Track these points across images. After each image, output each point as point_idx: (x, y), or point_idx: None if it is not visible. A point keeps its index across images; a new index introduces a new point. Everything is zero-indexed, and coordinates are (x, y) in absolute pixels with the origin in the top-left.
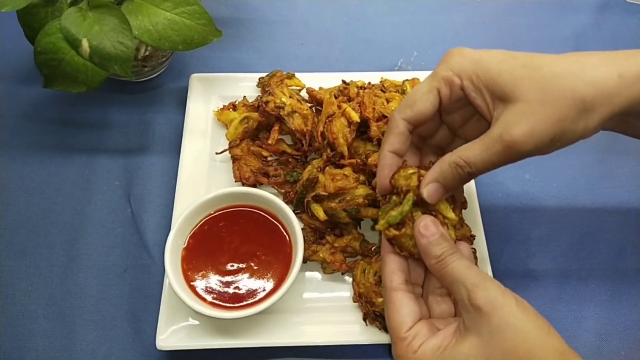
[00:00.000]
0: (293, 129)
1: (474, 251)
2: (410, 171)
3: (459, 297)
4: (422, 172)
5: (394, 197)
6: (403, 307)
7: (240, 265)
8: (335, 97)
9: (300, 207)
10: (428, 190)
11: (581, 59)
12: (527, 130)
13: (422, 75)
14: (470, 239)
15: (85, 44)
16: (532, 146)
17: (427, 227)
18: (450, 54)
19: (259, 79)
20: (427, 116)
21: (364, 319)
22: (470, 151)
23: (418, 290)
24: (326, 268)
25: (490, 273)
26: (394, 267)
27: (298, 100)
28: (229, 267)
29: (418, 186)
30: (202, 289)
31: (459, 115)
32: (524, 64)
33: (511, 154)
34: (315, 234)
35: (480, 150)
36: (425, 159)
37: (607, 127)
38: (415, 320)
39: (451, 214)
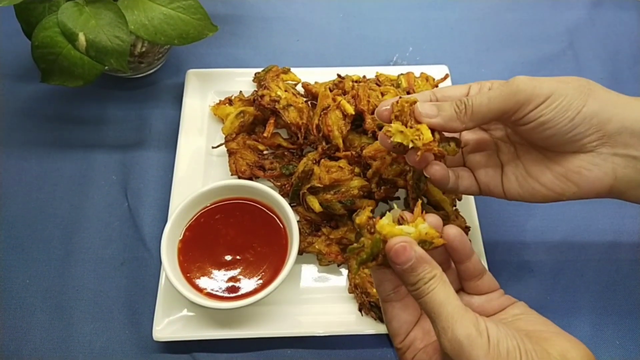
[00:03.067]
0: (288, 122)
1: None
2: (412, 99)
3: (434, 330)
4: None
5: (362, 239)
6: (394, 319)
7: (237, 257)
8: (330, 91)
9: (295, 199)
10: (422, 105)
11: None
12: (530, 80)
13: (418, 70)
14: (466, 230)
15: (81, 38)
16: (529, 92)
17: (397, 255)
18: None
19: (255, 74)
20: (452, 96)
21: (360, 310)
22: (477, 95)
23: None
24: (322, 260)
25: (485, 265)
26: (381, 278)
27: (293, 94)
28: (225, 258)
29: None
30: (199, 281)
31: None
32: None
33: (511, 97)
34: (311, 226)
35: (484, 94)
36: None
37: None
38: (409, 329)
39: (428, 134)
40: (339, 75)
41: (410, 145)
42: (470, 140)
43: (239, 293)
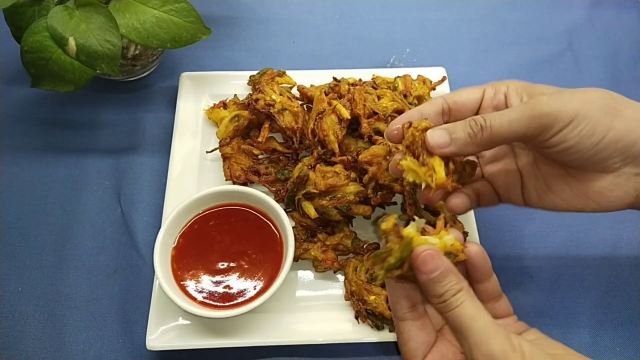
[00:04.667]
0: (283, 126)
1: None
2: (424, 124)
3: (461, 348)
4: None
5: (388, 244)
6: (411, 340)
7: (231, 264)
8: (326, 94)
9: (291, 205)
10: (433, 134)
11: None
12: (554, 100)
13: (414, 72)
14: (463, 235)
15: (71, 42)
16: (554, 115)
17: (424, 263)
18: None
19: (250, 77)
20: (463, 103)
21: (356, 317)
22: (493, 115)
23: (421, 297)
24: (318, 266)
25: None
26: (398, 294)
27: (288, 98)
28: (219, 266)
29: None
30: (193, 289)
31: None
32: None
33: (535, 121)
34: (307, 232)
35: (505, 113)
36: None
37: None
38: (427, 351)
39: (441, 173)
40: (334, 79)
41: (424, 185)
42: (487, 151)
43: (234, 301)
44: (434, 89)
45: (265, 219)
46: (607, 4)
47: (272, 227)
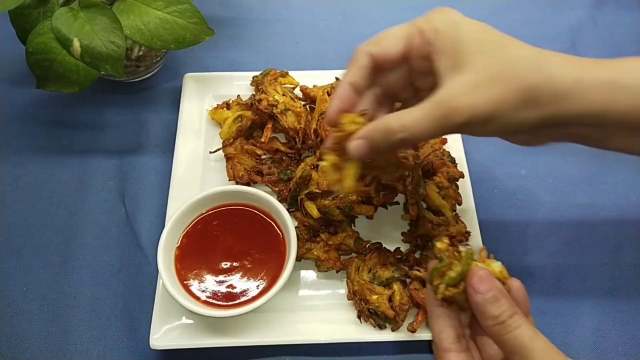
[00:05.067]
0: (286, 126)
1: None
2: (359, 119)
3: None
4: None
5: (444, 258)
6: None
7: (234, 264)
8: (329, 95)
9: (294, 205)
10: (353, 146)
11: (546, 54)
12: (468, 101)
13: None
14: (466, 235)
15: (76, 43)
16: (467, 117)
17: (480, 282)
18: (436, 10)
19: (253, 77)
20: (391, 57)
21: (359, 317)
22: (408, 115)
23: (466, 332)
24: (320, 266)
25: None
26: (443, 324)
27: (291, 98)
28: (222, 265)
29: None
30: (196, 288)
31: (423, 78)
32: (493, 40)
33: (448, 122)
34: (309, 232)
35: (419, 114)
36: None
37: (558, 137)
38: None
39: (350, 182)
40: (337, 79)
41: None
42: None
43: (237, 301)
44: None
45: (268, 219)
46: (610, 3)
47: (275, 227)
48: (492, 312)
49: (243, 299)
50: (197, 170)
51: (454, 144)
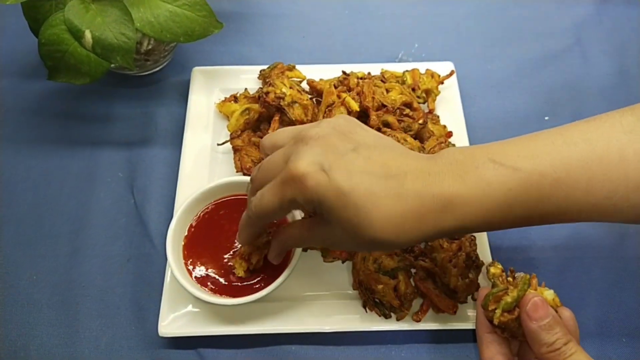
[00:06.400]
0: (293, 119)
1: (474, 239)
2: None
3: None
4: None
5: (497, 283)
6: None
7: None
8: (335, 87)
9: None
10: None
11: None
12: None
13: (423, 66)
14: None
15: (88, 35)
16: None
17: (535, 309)
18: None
19: (260, 71)
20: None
21: (364, 306)
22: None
23: None
24: (326, 256)
25: (490, 260)
26: (494, 351)
27: (298, 91)
28: (229, 254)
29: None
30: (204, 277)
31: None
32: None
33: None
34: None
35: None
36: None
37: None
38: None
39: (240, 271)
40: (344, 72)
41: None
42: None
43: (243, 289)
44: (442, 82)
45: None
46: None
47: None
48: (547, 340)
49: (249, 287)
50: (205, 162)
51: (459, 137)
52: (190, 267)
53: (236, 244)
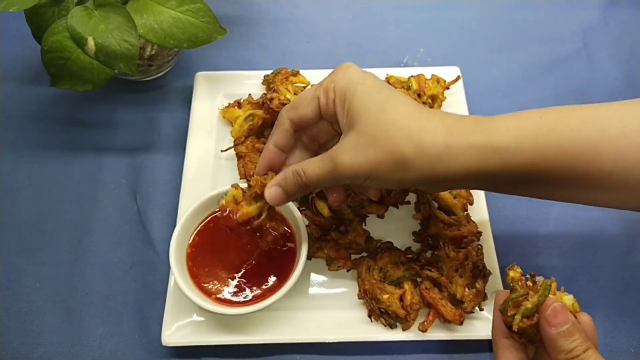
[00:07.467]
0: None
1: (481, 247)
2: (265, 180)
3: None
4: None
5: (517, 288)
6: None
7: (245, 262)
8: None
9: (304, 203)
10: (270, 192)
11: (423, 121)
12: (350, 160)
13: (428, 71)
14: (477, 235)
15: (90, 42)
16: (350, 174)
17: (555, 315)
18: (339, 67)
19: (264, 76)
20: (308, 120)
21: (369, 316)
22: (309, 164)
23: None
24: (331, 265)
25: (497, 269)
26: (511, 356)
27: None
28: (233, 263)
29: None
30: (207, 286)
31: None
32: (378, 103)
33: (336, 176)
34: (320, 230)
35: (316, 165)
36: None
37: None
38: None
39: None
40: None
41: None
42: None
43: (248, 299)
44: (448, 88)
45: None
46: (622, 3)
47: (286, 225)
48: (566, 346)
49: (254, 297)
50: (208, 169)
51: None
52: (194, 276)
53: (241, 255)
